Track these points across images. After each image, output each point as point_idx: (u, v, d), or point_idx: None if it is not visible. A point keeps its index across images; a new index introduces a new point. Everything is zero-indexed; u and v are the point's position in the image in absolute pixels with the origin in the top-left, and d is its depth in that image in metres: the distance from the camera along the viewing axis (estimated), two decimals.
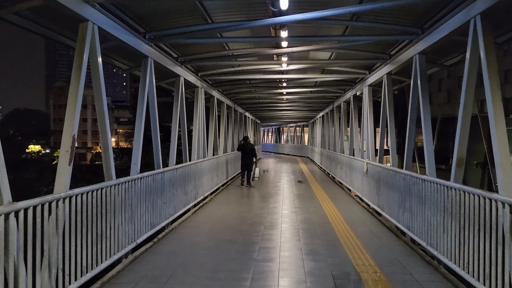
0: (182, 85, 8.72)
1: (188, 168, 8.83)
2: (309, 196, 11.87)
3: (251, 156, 13.75)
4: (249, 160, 13.74)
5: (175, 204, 7.87)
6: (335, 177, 16.53)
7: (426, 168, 6.16)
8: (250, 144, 13.99)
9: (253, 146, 13.96)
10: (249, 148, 13.74)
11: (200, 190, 10.12)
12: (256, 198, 11.47)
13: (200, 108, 10.53)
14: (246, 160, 13.70)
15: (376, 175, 8.79)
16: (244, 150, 13.76)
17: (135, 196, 5.82)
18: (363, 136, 10.89)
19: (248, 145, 13.80)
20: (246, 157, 13.68)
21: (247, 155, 13.68)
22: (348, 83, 12.72)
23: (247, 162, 13.73)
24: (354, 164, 11.50)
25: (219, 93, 13.82)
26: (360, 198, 10.79)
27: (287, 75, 11.15)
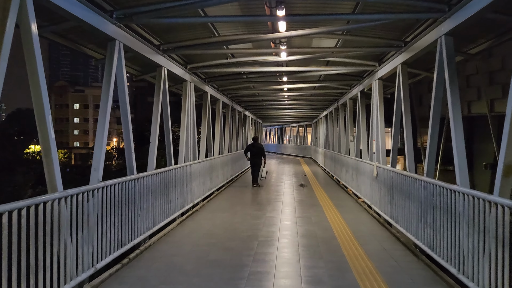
0: (164, 77, 7.60)
1: (172, 173, 7.70)
2: (311, 202, 10.70)
3: (260, 156, 13.74)
4: (258, 160, 13.74)
5: (154, 216, 6.74)
6: (339, 180, 15.37)
7: (456, 176, 4.99)
8: (259, 144, 14.04)
9: (262, 147, 14.02)
10: (258, 149, 13.75)
11: (188, 196, 8.99)
12: (252, 205, 10.33)
13: (189, 104, 9.39)
14: (255, 160, 13.73)
15: (388, 181, 7.63)
16: (254, 151, 13.76)
17: (94, 210, 4.69)
18: (372, 137, 9.72)
19: (257, 145, 13.85)
20: (255, 157, 13.71)
21: (256, 155, 13.70)
22: (355, 77, 11.55)
23: (256, 162, 13.75)
24: (362, 168, 10.34)
25: (213, 89, 12.68)
26: (369, 205, 9.63)
27: (288, 68, 9.99)
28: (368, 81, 10.31)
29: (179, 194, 8.26)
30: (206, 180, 10.87)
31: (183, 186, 8.54)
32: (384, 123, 8.89)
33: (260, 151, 13.75)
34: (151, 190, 6.57)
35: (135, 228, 5.94)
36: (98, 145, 5.17)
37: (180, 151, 8.99)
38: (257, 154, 13.69)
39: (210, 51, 8.01)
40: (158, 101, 7.31)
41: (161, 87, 7.39)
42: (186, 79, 9.32)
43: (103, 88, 5.29)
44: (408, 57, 7.03)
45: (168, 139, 7.96)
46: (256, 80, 12.55)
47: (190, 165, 9.17)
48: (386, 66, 8.53)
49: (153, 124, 7.17)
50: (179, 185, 8.21)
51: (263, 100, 18.89)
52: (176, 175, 8.00)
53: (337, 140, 17.41)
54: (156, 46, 7.39)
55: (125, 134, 6.01)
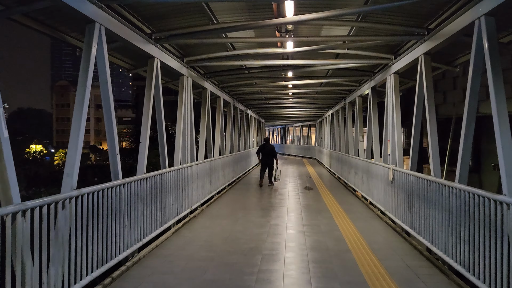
0: (156, 69, 6.79)
1: (166, 176, 6.90)
2: (319, 207, 9.89)
3: (271, 157, 14.13)
4: (270, 160, 14.17)
5: (145, 226, 5.94)
6: (347, 182, 14.54)
7: (502, 183, 4.16)
8: (270, 145, 14.46)
9: (273, 147, 14.42)
10: (269, 149, 14.19)
11: (185, 202, 8.19)
12: (255, 211, 9.52)
13: (186, 101, 8.60)
14: (266, 160, 14.16)
15: (407, 186, 6.80)
16: (265, 151, 14.17)
17: (66, 224, 3.90)
18: (386, 137, 8.90)
19: (268, 146, 14.27)
20: (266, 157, 14.13)
21: (267, 156, 14.12)
22: (366, 73, 10.71)
23: (267, 162, 14.18)
24: (374, 170, 9.51)
25: (213, 85, 11.88)
26: (382, 211, 8.81)
27: (293, 61, 9.16)
28: (381, 76, 9.48)
29: (175, 200, 7.46)
30: (205, 183, 10.07)
31: (179, 190, 7.74)
32: (400, 122, 8.06)
33: (270, 152, 14.15)
34: (140, 197, 5.78)
35: (121, 242, 5.15)
36: (73, 146, 4.37)
37: (176, 152, 8.18)
38: (268, 155, 14.11)
39: (208, 40, 7.18)
40: (149, 96, 6.51)
41: (153, 80, 6.59)
42: (183, 73, 8.52)
43: (79, 81, 4.49)
44: (431, 47, 6.20)
45: (162, 139, 7.16)
46: (259, 76, 11.74)
47: (187, 167, 8.37)
48: (403, 59, 7.69)
49: (143, 122, 6.36)
50: (174, 189, 7.42)
51: (266, 98, 18.08)
52: (171, 178, 7.20)
53: (344, 141, 16.59)
54: (148, 34, 6.59)
55: (108, 134, 5.21)
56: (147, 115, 6.38)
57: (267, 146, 14.32)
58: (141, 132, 6.37)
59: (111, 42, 6.65)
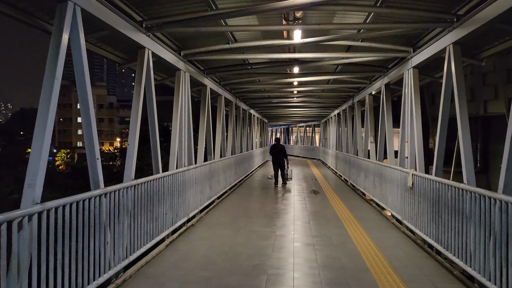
0: (148, 61, 6.00)
1: (159, 183, 6.12)
2: (328, 214, 9.09)
3: (282, 157, 14.24)
4: (281, 160, 14.29)
5: (132, 241, 5.16)
6: (355, 185, 13.74)
7: None
8: (280, 145, 14.62)
9: (283, 147, 14.56)
10: (279, 149, 14.32)
11: (181, 210, 7.42)
12: (258, 218, 8.72)
13: (183, 98, 7.81)
14: (277, 161, 14.32)
15: (431, 193, 5.99)
16: (275, 151, 14.37)
17: (24, 248, 3.13)
18: (403, 138, 8.10)
19: (278, 146, 14.44)
20: (277, 158, 14.30)
21: (278, 156, 14.28)
22: (379, 69, 9.91)
23: (278, 162, 14.31)
24: (388, 174, 8.70)
25: (214, 83, 11.09)
26: (398, 219, 8.01)
27: (300, 54, 8.36)
28: (397, 71, 8.66)
29: (169, 208, 6.68)
30: (204, 188, 9.29)
31: (175, 197, 6.96)
32: (421, 121, 7.25)
33: (281, 151, 14.28)
34: (126, 208, 5.00)
35: (101, 262, 4.37)
36: (36, 152, 3.58)
37: (171, 155, 7.41)
38: (278, 155, 14.25)
39: (206, 28, 6.39)
40: (139, 92, 5.71)
41: (143, 73, 5.80)
42: (179, 67, 7.74)
43: (45, 72, 3.71)
44: (462, 35, 5.39)
45: (154, 140, 6.37)
46: (262, 72, 10.96)
47: (184, 172, 7.59)
48: (425, 51, 6.87)
49: (132, 121, 5.58)
50: (168, 197, 6.63)
51: (270, 97, 17.28)
52: (165, 185, 6.42)
53: (352, 141, 15.79)
54: (138, 22, 5.81)
55: (86, 136, 4.44)
56: (136, 114, 5.60)
57: (277, 146, 14.48)
58: (129, 133, 5.59)
59: (96, 30, 5.92)
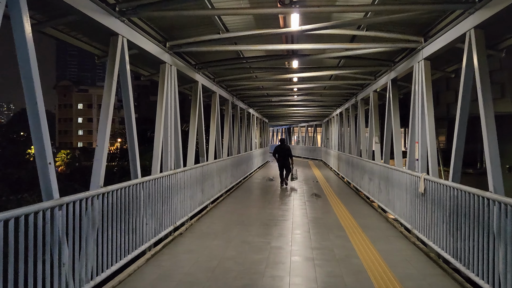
0: (122, 51, 5.24)
1: (136, 189, 5.36)
2: (330, 222, 8.31)
3: (287, 158, 14.08)
4: (286, 161, 14.12)
5: (99, 259, 4.40)
6: (358, 188, 12.96)
7: None
8: (286, 145, 14.55)
9: (289, 147, 14.54)
10: (286, 150, 14.23)
11: (166, 218, 6.66)
12: (254, 227, 7.95)
13: (168, 93, 7.06)
14: (283, 161, 14.16)
15: (448, 202, 5.21)
16: (281, 152, 14.23)
17: None
18: (412, 138, 7.32)
19: (284, 147, 14.32)
20: (283, 158, 14.14)
21: (284, 157, 14.12)
22: (385, 63, 9.14)
23: (284, 163, 14.15)
24: (396, 178, 7.92)
25: (207, 79, 10.32)
26: (406, 228, 7.23)
27: (299, 45, 7.58)
28: (405, 64, 7.89)
29: (150, 218, 5.92)
30: (195, 192, 8.53)
31: (157, 205, 6.20)
32: (433, 120, 6.47)
33: (286, 152, 14.15)
34: (92, 221, 4.25)
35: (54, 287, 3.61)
36: None
37: (154, 158, 6.65)
38: (284, 156, 14.11)
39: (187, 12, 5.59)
40: (110, 85, 4.95)
41: (116, 64, 5.04)
42: (164, 60, 6.98)
43: None
44: (486, 18, 4.61)
45: (132, 141, 5.60)
46: (259, 67, 10.20)
47: (170, 176, 6.83)
48: (439, 39, 6.08)
49: (101, 119, 4.82)
50: (150, 204, 5.88)
51: (269, 95, 16.52)
52: (145, 191, 5.66)
53: (355, 142, 15.01)
54: (111, 5, 5.06)
55: (35, 137, 3.67)
56: (106, 111, 4.84)
57: (283, 147, 14.35)
58: (98, 133, 4.83)
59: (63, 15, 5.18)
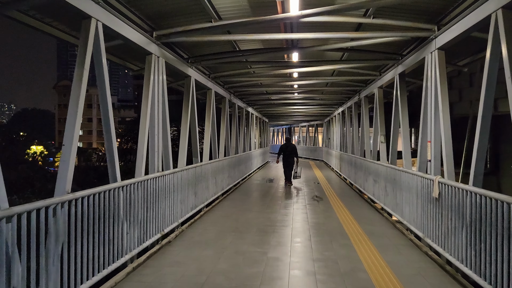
0: (96, 36, 4.59)
1: (113, 194, 4.71)
2: (333, 228, 7.66)
3: (293, 156, 14.22)
4: (291, 160, 14.26)
5: (65, 277, 3.75)
6: (362, 190, 12.32)
7: None
8: (292, 145, 14.62)
9: (294, 147, 14.58)
10: (291, 149, 14.32)
11: (152, 225, 6.02)
12: (250, 234, 7.29)
13: (156, 88, 6.41)
14: (288, 160, 14.28)
15: (468, 209, 4.56)
16: (287, 151, 14.30)
17: None
18: (423, 136, 6.67)
19: (290, 146, 14.42)
20: (288, 157, 14.26)
21: (289, 156, 14.24)
22: (392, 56, 8.48)
23: (289, 162, 14.28)
24: (405, 181, 7.27)
25: (201, 74, 9.67)
26: (418, 236, 6.58)
27: (299, 34, 6.88)
28: (415, 56, 7.22)
29: (132, 226, 5.28)
30: (187, 196, 7.89)
31: (140, 211, 5.56)
32: (449, 116, 5.80)
33: (293, 151, 14.25)
34: (56, 233, 3.61)
35: None
36: None
37: (138, 158, 6.00)
38: (290, 154, 14.17)
39: None
40: (80, 75, 4.29)
41: (88, 51, 4.38)
42: (151, 51, 6.33)
43: None
44: None
45: (109, 140, 4.95)
46: (256, 60, 9.55)
47: (157, 178, 6.19)
48: (456, 25, 5.41)
49: (69, 115, 4.18)
50: (131, 211, 5.23)
51: (268, 92, 15.87)
52: (123, 196, 5.02)
53: (358, 141, 14.35)
54: None
55: None
56: (75, 106, 4.20)
57: (289, 146, 14.41)
58: (65, 132, 4.18)
59: None
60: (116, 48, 7.10)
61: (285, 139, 15.01)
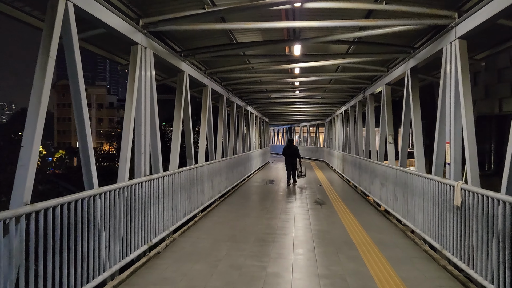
0: (66, 18, 3.93)
1: (87, 204, 4.05)
2: (338, 237, 7.00)
3: (295, 157, 14.62)
4: (294, 160, 14.66)
5: None
6: (366, 193, 11.67)
7: None
8: (294, 146, 15.13)
9: (297, 148, 15.07)
10: (293, 150, 14.76)
11: (138, 236, 5.36)
12: (247, 244, 6.63)
13: (142, 81, 5.76)
14: (291, 160, 14.70)
15: (501, 221, 3.90)
16: (290, 152, 14.72)
17: None
18: (441, 136, 6.01)
19: (292, 147, 14.92)
20: (291, 158, 14.65)
21: (292, 157, 14.62)
22: (403, 49, 7.81)
23: (292, 162, 14.69)
24: (418, 185, 6.60)
25: (195, 69, 9.00)
26: (433, 247, 5.92)
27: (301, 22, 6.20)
28: (431, 48, 6.55)
29: (113, 238, 4.62)
30: (179, 201, 7.23)
31: (122, 221, 4.90)
32: (472, 114, 5.14)
33: (295, 152, 14.69)
34: (10, 254, 2.95)
35: None
36: None
37: (121, 161, 5.34)
38: (292, 156, 14.59)
39: None
40: (45, 63, 3.62)
41: (55, 33, 3.72)
42: (137, 41, 5.68)
43: None
44: None
45: (84, 140, 4.28)
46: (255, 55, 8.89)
47: (144, 183, 5.53)
48: (483, 10, 4.76)
49: (30, 110, 3.51)
50: (112, 221, 4.58)
51: (268, 90, 15.20)
52: (100, 205, 4.36)
53: (363, 142, 13.70)
54: None
55: None
56: (38, 100, 3.53)
57: (292, 147, 14.86)
58: (25, 129, 3.51)
59: None
60: (100, 38, 6.46)
61: (288, 141, 15.67)
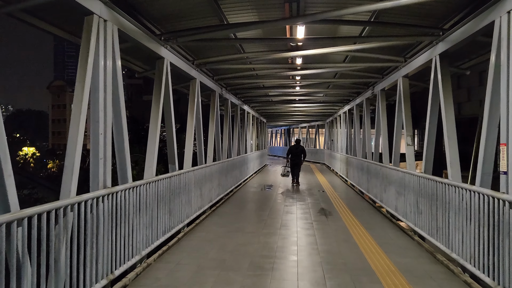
0: None
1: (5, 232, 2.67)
2: (353, 261, 5.63)
3: (301, 157, 15.03)
4: (299, 160, 15.01)
5: None
6: (376, 201, 10.33)
7: None
8: (301, 146, 15.48)
9: (304, 148, 15.46)
10: (300, 150, 15.14)
11: (88, 271, 3.97)
12: (238, 274, 5.24)
13: (100, 63, 4.39)
14: (296, 160, 15.00)
15: None
16: (297, 151, 15.05)
17: None
18: (489, 136, 4.65)
19: (299, 147, 15.28)
20: (296, 158, 14.98)
21: (298, 157, 14.97)
22: (429, 31, 6.44)
23: (297, 162, 15.00)
24: (453, 198, 5.22)
25: (179, 57, 7.59)
26: (474, 276, 4.57)
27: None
28: (472, 25, 5.19)
29: (44, 278, 3.24)
30: (157, 217, 5.85)
31: (62, 253, 3.52)
32: None
33: (301, 152, 15.07)
34: None
35: None
36: None
37: (66, 170, 3.96)
38: (298, 155, 14.93)
39: None
40: None
41: None
42: (92, 10, 4.29)
43: None
44: None
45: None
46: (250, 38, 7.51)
47: (99, 199, 4.15)
48: None
49: None
50: (42, 256, 3.20)
51: (266, 86, 13.83)
52: (21, 234, 2.99)
53: (371, 143, 12.34)
54: None
55: None
56: None
57: (299, 147, 15.22)
58: None
59: None
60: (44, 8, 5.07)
61: (295, 141, 15.92)
